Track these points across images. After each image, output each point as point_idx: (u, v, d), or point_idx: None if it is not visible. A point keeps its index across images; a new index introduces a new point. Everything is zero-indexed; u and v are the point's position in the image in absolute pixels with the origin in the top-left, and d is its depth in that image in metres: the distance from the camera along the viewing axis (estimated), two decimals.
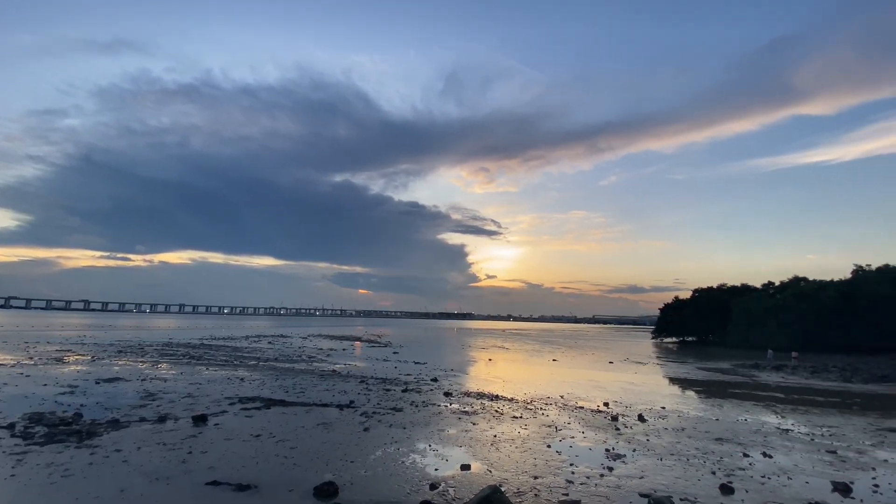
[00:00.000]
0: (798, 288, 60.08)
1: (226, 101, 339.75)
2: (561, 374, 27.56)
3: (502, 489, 7.43)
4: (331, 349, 39.00)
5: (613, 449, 10.82)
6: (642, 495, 7.85)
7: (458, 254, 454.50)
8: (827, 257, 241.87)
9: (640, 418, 14.50)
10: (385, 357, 33.39)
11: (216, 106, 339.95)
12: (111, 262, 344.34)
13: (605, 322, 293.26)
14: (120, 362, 23.98)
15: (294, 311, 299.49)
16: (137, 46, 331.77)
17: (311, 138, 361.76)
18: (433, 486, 7.95)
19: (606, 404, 16.91)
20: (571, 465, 9.51)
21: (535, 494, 7.79)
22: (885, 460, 10.51)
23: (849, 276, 60.42)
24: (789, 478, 9.08)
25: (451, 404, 15.68)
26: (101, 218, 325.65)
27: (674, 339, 78.89)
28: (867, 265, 60.73)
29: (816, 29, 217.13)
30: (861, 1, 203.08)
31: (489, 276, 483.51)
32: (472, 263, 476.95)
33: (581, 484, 8.37)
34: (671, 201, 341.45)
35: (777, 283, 66.82)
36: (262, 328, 79.96)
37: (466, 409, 15.04)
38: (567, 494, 7.79)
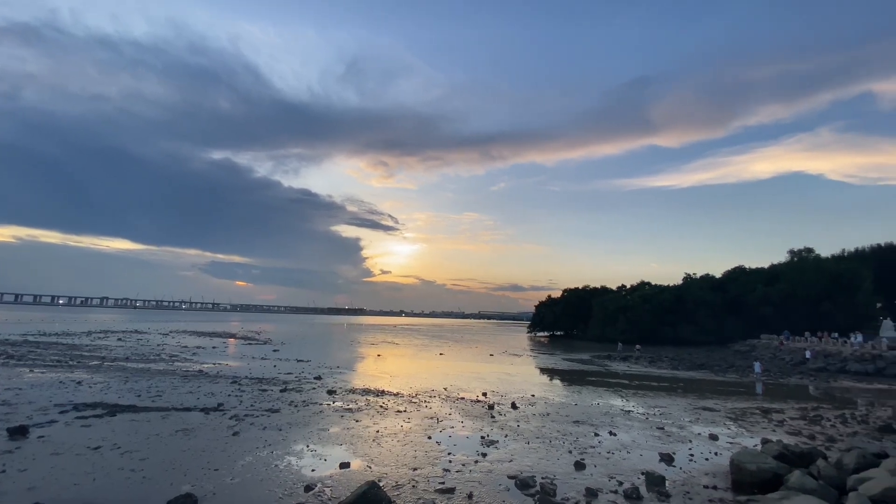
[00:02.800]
0: (643, 291, 71.01)
1: (75, 49, 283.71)
2: (446, 367, 28.58)
3: (381, 484, 7.44)
4: (198, 347, 35.05)
5: (488, 436, 11.57)
6: (510, 477, 8.53)
7: (353, 247, 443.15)
8: (666, 265, 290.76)
9: (513, 406, 15.73)
10: (263, 355, 31.09)
11: (62, 55, 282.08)
12: None
13: (489, 317, 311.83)
14: None
15: (154, 303, 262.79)
16: None
17: (186, 107, 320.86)
18: (308, 488, 7.64)
19: (485, 394, 18.02)
20: (449, 454, 9.93)
21: (413, 486, 7.96)
22: (699, 433, 12.91)
23: (680, 282, 73.33)
24: (628, 452, 10.66)
25: (334, 402, 15.22)
26: None
27: (546, 333, 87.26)
28: (693, 273, 74.54)
29: (669, 74, 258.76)
30: (703, 56, 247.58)
31: (384, 272, 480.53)
32: (367, 258, 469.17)
33: (457, 471, 8.79)
34: (549, 210, 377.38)
35: (628, 286, 78.28)
36: (110, 322, 68.55)
37: (350, 406, 14.74)
38: (443, 483, 8.10)
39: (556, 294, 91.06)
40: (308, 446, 10.14)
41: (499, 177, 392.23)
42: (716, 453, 10.67)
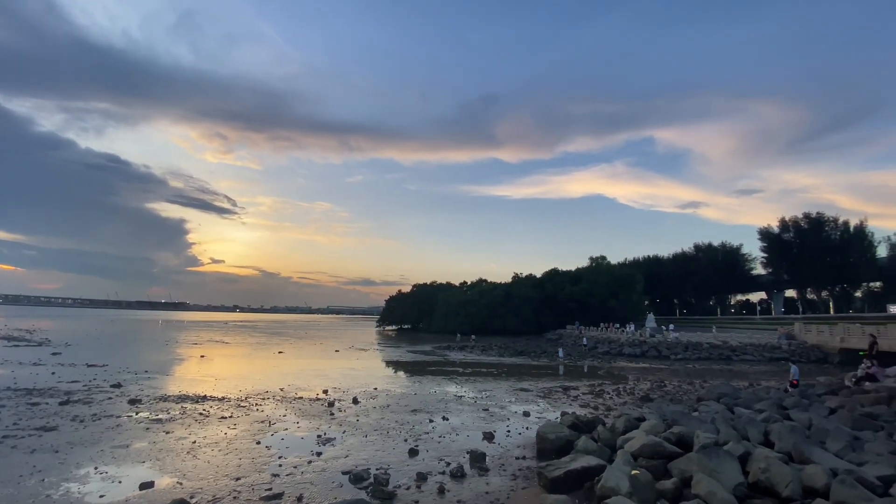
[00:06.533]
0: (481, 287, 78.37)
1: None
2: (285, 366, 26.78)
3: (193, 501, 6.59)
4: None
5: (325, 434, 11.25)
6: (344, 473, 8.44)
7: (175, 230, 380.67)
8: (501, 265, 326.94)
9: (354, 401, 15.64)
10: (37, 360, 24.48)
11: None
12: None
13: (338, 312, 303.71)
14: None
15: None
16: None
17: None
18: None
19: (326, 391, 17.47)
20: (280, 457, 9.33)
21: (235, 497, 7.24)
22: (516, 412, 14.75)
23: (510, 280, 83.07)
24: (457, 434, 11.59)
25: (137, 413, 12.86)
26: None
27: (394, 327, 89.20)
28: (521, 273, 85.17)
29: (511, 96, 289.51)
30: (538, 85, 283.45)
31: (215, 261, 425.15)
32: (194, 244, 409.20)
33: (287, 475, 8.31)
34: (404, 207, 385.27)
35: (469, 283, 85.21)
36: None
37: (160, 416, 12.65)
38: (270, 489, 7.57)
39: (407, 289, 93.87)
40: (97, 468, 8.35)
41: (356, 169, 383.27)
42: (527, 428, 12.36)
